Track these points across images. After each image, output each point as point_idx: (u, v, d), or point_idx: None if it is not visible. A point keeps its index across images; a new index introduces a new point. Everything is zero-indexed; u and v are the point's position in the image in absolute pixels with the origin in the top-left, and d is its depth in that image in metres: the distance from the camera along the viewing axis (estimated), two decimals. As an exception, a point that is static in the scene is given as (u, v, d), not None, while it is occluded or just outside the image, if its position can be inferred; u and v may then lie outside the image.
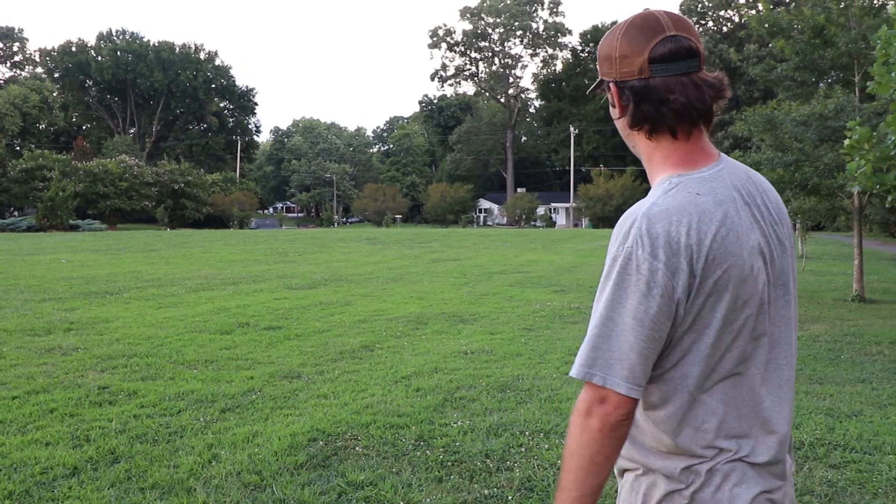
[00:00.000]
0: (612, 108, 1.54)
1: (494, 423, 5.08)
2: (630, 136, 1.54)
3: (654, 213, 1.36)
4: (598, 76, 1.56)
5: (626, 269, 1.34)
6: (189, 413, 5.36)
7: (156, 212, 59.21)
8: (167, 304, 11.28)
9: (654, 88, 1.42)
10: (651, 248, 1.33)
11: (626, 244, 1.35)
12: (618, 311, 1.34)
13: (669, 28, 1.43)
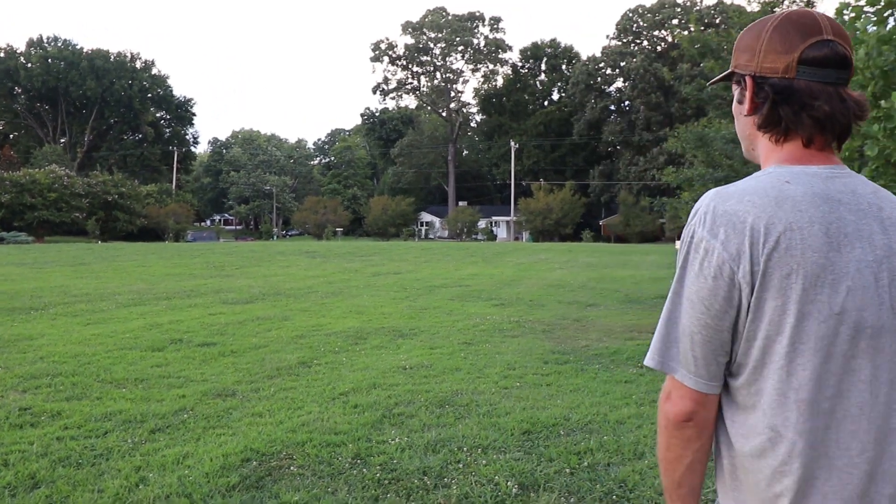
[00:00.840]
0: (736, 104, 1.44)
1: (432, 440, 5.04)
2: (751, 137, 1.42)
3: (726, 192, 1.29)
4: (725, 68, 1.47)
5: (686, 247, 1.29)
6: (116, 434, 5.17)
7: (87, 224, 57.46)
8: (96, 320, 10.92)
9: (797, 91, 1.31)
10: (711, 226, 1.26)
11: (690, 223, 1.31)
12: (677, 292, 1.30)
13: (827, 32, 1.32)
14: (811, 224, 1.24)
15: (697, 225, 1.28)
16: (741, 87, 1.40)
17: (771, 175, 1.30)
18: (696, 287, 1.26)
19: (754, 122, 1.38)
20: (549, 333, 9.91)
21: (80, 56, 78.31)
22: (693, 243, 1.28)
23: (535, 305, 13.16)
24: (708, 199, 1.29)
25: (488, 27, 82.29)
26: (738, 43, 1.42)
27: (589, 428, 5.35)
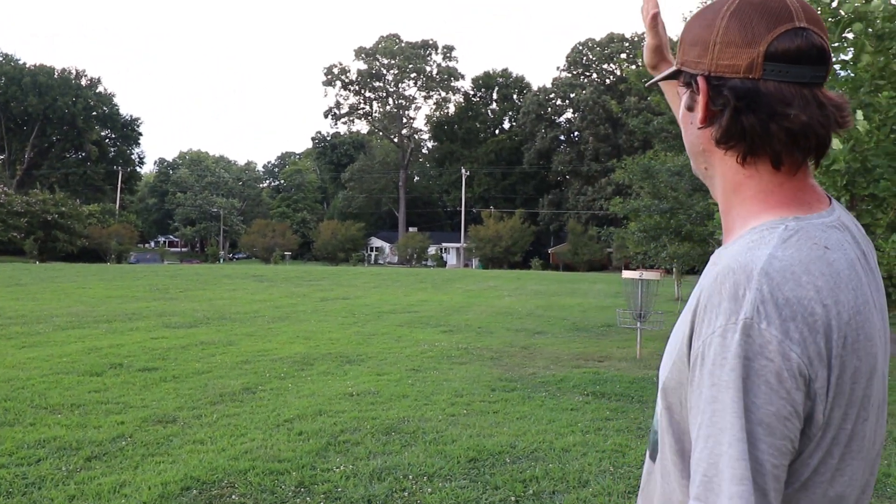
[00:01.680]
0: (684, 111, 1.14)
1: (378, 468, 4.99)
2: (705, 154, 1.13)
3: (777, 270, 0.96)
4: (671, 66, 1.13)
5: (746, 351, 0.93)
6: (50, 462, 4.99)
7: (24, 244, 55.75)
8: (31, 343, 10.57)
9: (765, 95, 1.02)
10: (780, 322, 0.93)
11: (740, 313, 0.94)
12: (739, 415, 0.92)
13: (799, 17, 1.03)
14: (865, 305, 1.01)
15: (757, 318, 0.93)
16: (691, 90, 1.11)
17: (803, 238, 1.02)
18: (774, 407, 0.92)
19: (710, 134, 1.08)
20: (497, 361, 9.93)
21: (22, 71, 76.49)
22: (757, 345, 0.93)
23: (483, 332, 13.20)
24: (755, 281, 0.96)
25: (441, 55, 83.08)
26: (686, 34, 1.12)
27: (535, 456, 5.36)
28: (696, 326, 0.99)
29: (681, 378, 1.04)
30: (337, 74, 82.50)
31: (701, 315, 0.99)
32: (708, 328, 0.96)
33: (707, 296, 0.99)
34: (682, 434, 1.06)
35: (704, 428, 0.95)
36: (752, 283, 0.95)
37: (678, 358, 1.05)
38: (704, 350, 0.96)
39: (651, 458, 1.18)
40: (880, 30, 6.03)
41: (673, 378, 1.06)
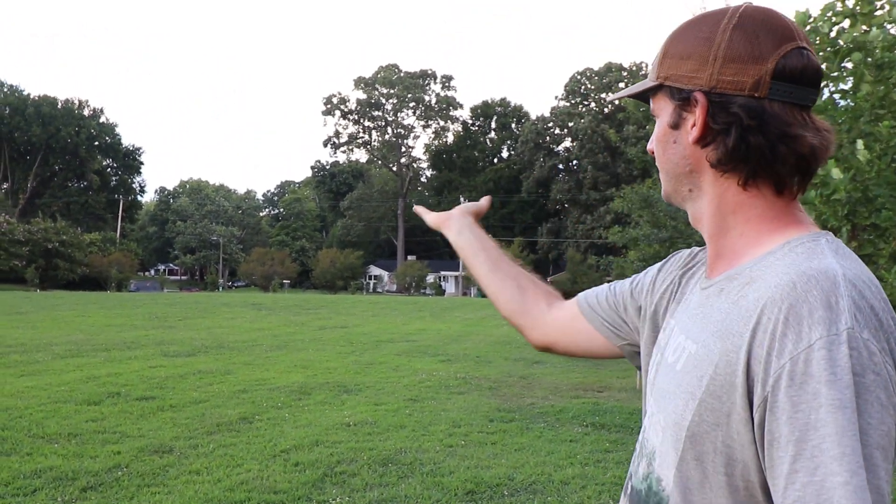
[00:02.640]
0: (666, 129, 1.05)
1: (375, 499, 4.97)
2: (693, 175, 1.05)
3: (855, 278, 0.89)
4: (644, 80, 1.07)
5: (858, 363, 0.82)
6: (46, 492, 4.97)
7: (26, 272, 55.77)
8: (30, 371, 10.55)
9: (772, 116, 0.96)
10: (876, 332, 0.85)
11: (840, 323, 0.83)
12: (854, 436, 0.80)
13: (800, 37, 0.98)
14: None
15: (857, 328, 0.84)
16: (679, 106, 1.02)
17: (844, 249, 0.96)
18: (886, 426, 0.82)
19: (706, 155, 1.01)
20: (495, 391, 9.91)
21: (26, 102, 77.11)
22: (865, 357, 0.83)
23: (481, 362, 13.17)
24: (843, 288, 0.86)
25: (440, 84, 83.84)
26: (673, 47, 1.04)
27: (533, 488, 5.34)
28: (770, 343, 0.86)
29: (717, 418, 0.92)
30: (336, 104, 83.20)
31: (776, 329, 0.86)
32: (797, 344, 0.84)
33: (783, 308, 0.86)
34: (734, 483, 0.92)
35: (805, 459, 0.81)
36: (840, 289, 0.86)
37: (710, 392, 0.92)
38: (798, 367, 0.83)
39: None
40: (879, 59, 6.09)
41: (705, 420, 0.93)
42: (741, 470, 0.91)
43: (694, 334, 1.01)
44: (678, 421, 0.97)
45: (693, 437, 0.94)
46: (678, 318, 1.11)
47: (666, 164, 1.07)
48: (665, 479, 1.00)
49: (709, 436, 0.93)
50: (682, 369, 0.99)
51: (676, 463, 0.97)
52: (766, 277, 0.93)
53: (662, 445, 1.01)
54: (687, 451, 0.95)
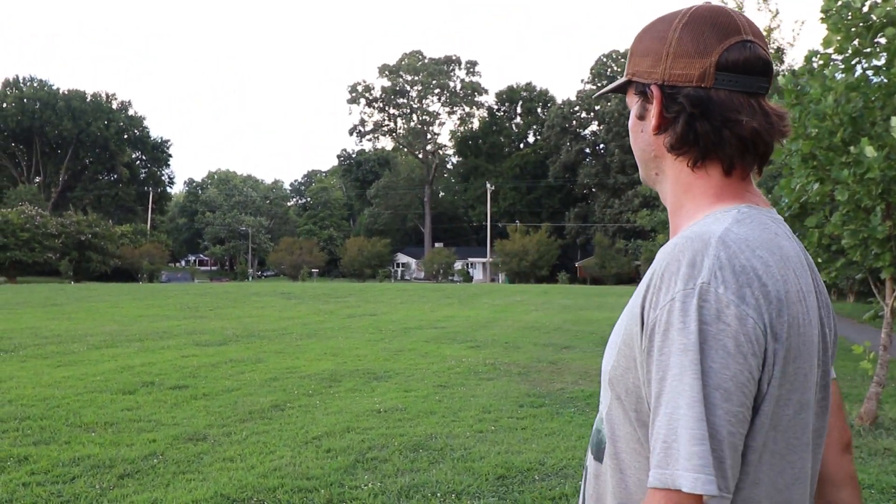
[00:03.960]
0: (635, 120, 1.19)
1: (406, 485, 5.01)
2: (657, 160, 1.18)
3: (733, 241, 1.01)
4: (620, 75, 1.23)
5: (701, 314, 0.95)
6: (84, 480, 5.07)
7: (60, 264, 56.74)
8: (67, 362, 10.75)
9: (717, 103, 1.08)
10: (737, 287, 0.96)
11: (696, 279, 0.97)
12: (697, 378, 0.94)
13: (746, 31, 1.10)
14: (809, 295, 1.07)
15: (714, 283, 0.96)
16: (643, 99, 1.16)
17: (756, 221, 1.08)
18: (731, 371, 0.94)
19: (663, 141, 1.14)
20: (525, 376, 9.91)
21: (56, 96, 78.17)
22: (711, 308, 0.95)
23: (510, 348, 13.17)
24: (713, 248, 0.99)
25: (464, 70, 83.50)
26: (637, 45, 1.18)
27: (564, 473, 5.34)
28: (651, 297, 1.02)
29: (628, 363, 1.07)
30: (361, 92, 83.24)
31: (657, 285, 1.01)
32: (666, 295, 0.99)
33: (664, 266, 1.02)
34: (642, 418, 1.06)
35: (665, 395, 0.96)
36: (709, 249, 0.99)
37: (624, 341, 1.08)
38: (662, 317, 0.98)
39: (597, 458, 1.16)
40: (914, 34, 5.96)
41: (620, 365, 1.08)
42: (646, 406, 1.04)
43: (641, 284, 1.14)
44: (607, 369, 1.13)
45: (613, 382, 1.11)
46: None
47: (637, 151, 1.21)
48: (606, 420, 1.14)
49: (623, 378, 1.08)
50: (617, 322, 1.15)
51: (608, 405, 1.13)
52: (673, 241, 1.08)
53: (602, 393, 1.17)
54: (613, 393, 1.11)
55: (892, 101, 6.23)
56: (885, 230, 6.15)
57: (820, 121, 6.20)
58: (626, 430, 1.09)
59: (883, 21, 6.08)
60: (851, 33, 6.28)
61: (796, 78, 6.57)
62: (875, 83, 6.30)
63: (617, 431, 1.10)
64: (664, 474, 0.94)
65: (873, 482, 5.17)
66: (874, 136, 6.08)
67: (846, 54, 6.32)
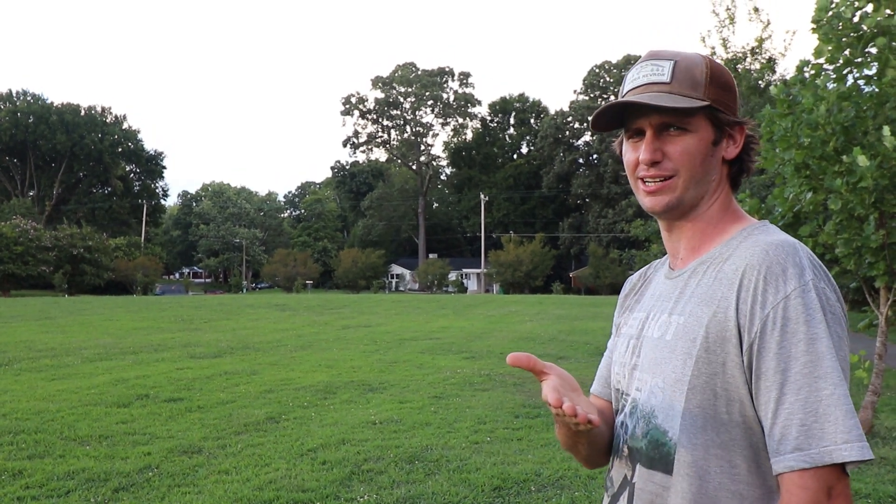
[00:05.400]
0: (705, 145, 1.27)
1: (402, 497, 4.99)
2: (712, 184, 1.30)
3: (802, 245, 1.18)
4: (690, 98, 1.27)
5: (824, 305, 1.10)
6: (78, 494, 5.05)
7: (53, 278, 56.52)
8: (61, 375, 10.70)
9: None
10: (828, 282, 1.15)
11: (804, 276, 1.12)
12: (833, 367, 1.07)
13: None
14: None
15: (817, 279, 1.12)
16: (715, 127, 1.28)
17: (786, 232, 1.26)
18: (844, 353, 1.11)
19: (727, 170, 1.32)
20: (520, 387, 9.90)
21: (49, 110, 78.10)
22: (825, 300, 1.10)
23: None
24: (804, 250, 1.16)
25: (458, 82, 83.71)
26: (719, 76, 1.30)
27: (560, 483, 5.34)
28: (753, 299, 1.13)
29: (713, 368, 1.16)
30: (355, 104, 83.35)
31: (759, 287, 1.13)
32: (776, 295, 1.11)
33: (764, 269, 1.13)
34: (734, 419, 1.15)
35: (793, 383, 1.07)
36: (799, 252, 1.14)
37: (704, 348, 1.16)
38: (777, 314, 1.10)
39: (665, 471, 1.20)
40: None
41: (702, 372, 1.17)
42: (738, 407, 1.14)
43: (678, 309, 1.26)
44: (679, 378, 1.19)
45: (694, 389, 1.17)
46: (647, 305, 1.38)
47: (700, 172, 1.28)
48: (671, 429, 1.20)
49: (709, 385, 1.16)
50: (673, 337, 1.23)
51: (681, 413, 1.18)
52: (737, 254, 1.21)
53: (664, 403, 1.22)
54: (690, 401, 1.17)
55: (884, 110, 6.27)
56: (879, 239, 6.18)
57: (812, 130, 6.24)
58: (708, 437, 1.16)
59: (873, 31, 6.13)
60: (842, 43, 6.33)
61: (788, 88, 6.61)
62: (866, 92, 6.34)
63: (696, 439, 1.17)
64: (810, 455, 1.05)
65: (870, 491, 5.17)
66: (866, 145, 6.12)
67: (837, 64, 6.37)
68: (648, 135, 1.27)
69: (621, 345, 1.40)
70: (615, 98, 1.31)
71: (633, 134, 1.31)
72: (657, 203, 1.29)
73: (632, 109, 1.29)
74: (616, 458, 1.36)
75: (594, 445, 1.41)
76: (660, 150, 1.27)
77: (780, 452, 1.07)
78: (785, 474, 1.07)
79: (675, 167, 1.26)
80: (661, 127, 1.27)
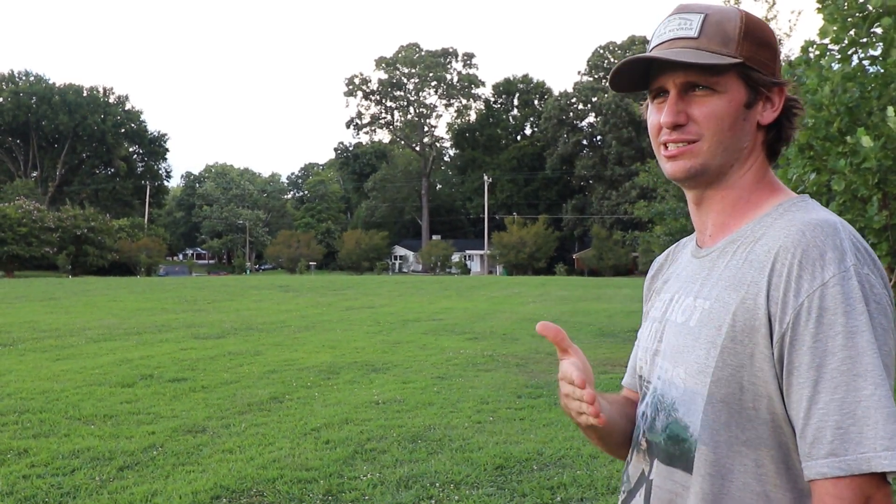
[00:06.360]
0: (736, 107, 1.13)
1: (405, 475, 5.03)
2: (744, 151, 1.16)
3: (845, 225, 1.04)
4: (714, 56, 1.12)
5: (866, 294, 0.97)
6: (84, 472, 5.09)
7: (57, 258, 56.64)
8: (65, 355, 10.76)
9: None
10: (874, 266, 1.01)
11: (845, 261, 0.98)
12: (877, 364, 0.94)
13: None
14: None
15: (860, 265, 0.98)
16: (751, 87, 1.14)
17: (828, 209, 1.13)
18: (889, 347, 0.97)
19: (763, 136, 1.18)
20: (523, 367, 9.93)
21: (52, 91, 77.90)
22: (867, 289, 0.97)
23: (508, 339, 13.19)
24: (845, 232, 1.02)
25: (461, 63, 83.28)
26: (755, 31, 1.15)
27: (562, 462, 5.37)
28: (785, 286, 1.00)
29: (739, 360, 1.04)
30: (358, 85, 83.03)
31: (794, 273, 0.99)
32: (812, 282, 0.98)
33: (799, 253, 1.00)
34: (762, 415, 1.03)
35: (828, 381, 0.95)
36: (840, 233, 1.00)
37: (731, 338, 1.04)
38: (813, 303, 0.97)
39: (685, 469, 1.10)
40: (909, 24, 5.97)
41: (727, 364, 1.05)
42: (767, 403, 1.03)
43: (704, 293, 1.13)
44: (702, 369, 1.08)
45: (718, 382, 1.05)
46: (673, 287, 1.25)
47: (730, 139, 1.14)
48: (692, 424, 1.10)
49: (734, 377, 1.04)
50: (697, 324, 1.11)
51: (703, 407, 1.07)
52: (770, 233, 1.07)
53: (685, 395, 1.11)
54: (713, 395, 1.06)
55: (889, 90, 6.23)
56: (882, 220, 6.16)
57: (816, 111, 6.20)
58: (732, 433, 1.05)
59: (879, 11, 6.08)
60: (847, 23, 6.28)
61: (793, 68, 6.57)
62: (871, 73, 6.30)
63: (718, 436, 1.06)
64: (846, 461, 0.93)
65: None
66: (871, 125, 6.09)
67: (842, 44, 6.32)
68: (672, 95, 1.15)
69: (646, 328, 1.30)
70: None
71: (656, 94, 1.19)
72: (678, 169, 1.16)
73: (655, 67, 1.17)
74: (635, 451, 1.26)
75: (608, 440, 1.32)
76: (684, 113, 1.14)
77: (812, 457, 0.96)
78: (817, 481, 0.96)
79: (700, 131, 1.13)
80: (687, 87, 1.14)
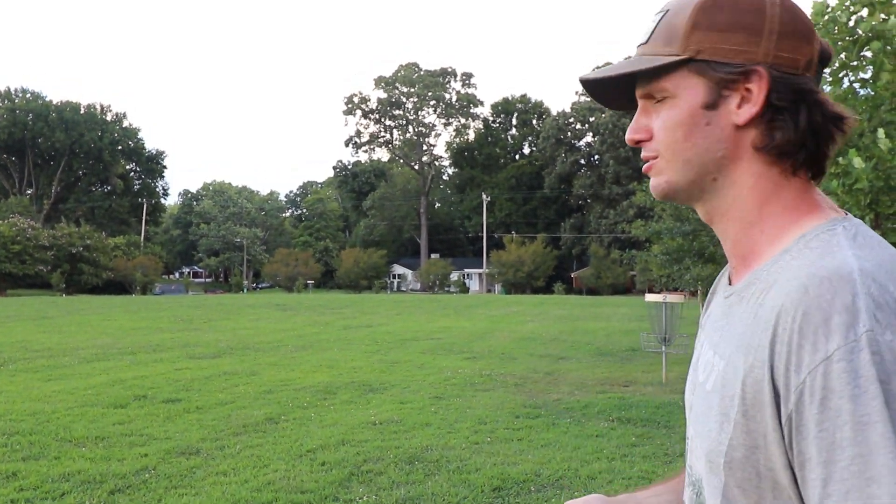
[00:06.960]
0: (694, 110, 0.91)
1: (401, 497, 4.94)
2: (723, 161, 0.92)
3: (874, 269, 0.79)
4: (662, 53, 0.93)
5: (886, 370, 0.73)
6: (74, 496, 5.00)
7: (51, 277, 56.47)
8: (57, 375, 10.65)
9: (823, 99, 0.89)
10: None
11: (855, 327, 0.75)
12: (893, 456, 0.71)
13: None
14: None
15: (877, 329, 0.74)
16: (720, 82, 0.90)
17: (869, 234, 0.86)
18: None
19: (753, 139, 0.90)
20: (521, 387, 9.85)
21: (48, 108, 78.10)
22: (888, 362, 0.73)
23: (506, 358, 13.11)
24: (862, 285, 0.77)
25: (460, 82, 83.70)
26: (705, 17, 0.90)
27: (560, 484, 5.29)
28: (787, 357, 0.78)
29: (754, 440, 0.83)
30: (357, 103, 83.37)
31: (794, 340, 0.78)
32: (813, 354, 0.76)
33: (799, 315, 0.78)
34: None
35: (837, 482, 0.74)
36: (856, 287, 0.76)
37: (743, 412, 0.83)
38: (815, 382, 0.75)
39: None
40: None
41: (741, 443, 0.84)
42: (787, 496, 0.81)
43: (721, 349, 0.91)
44: (715, 447, 0.88)
45: (731, 464, 0.85)
46: (707, 332, 1.01)
47: (689, 150, 0.92)
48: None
49: (748, 461, 0.84)
50: (711, 389, 0.90)
51: (721, 492, 0.88)
52: (781, 281, 0.84)
53: (707, 474, 0.91)
54: (729, 480, 0.86)
55: (879, 112, 6.25)
56: (878, 240, 6.15)
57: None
58: None
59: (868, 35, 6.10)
60: (838, 47, 6.31)
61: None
62: (862, 96, 6.34)
63: None
64: None
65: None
66: (862, 147, 6.11)
67: (833, 67, 6.35)
68: (639, 109, 0.99)
69: (689, 371, 1.06)
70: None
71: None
72: (651, 188, 1.00)
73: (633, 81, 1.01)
74: None
75: None
76: (644, 128, 0.97)
77: None
78: None
79: (656, 146, 0.96)
80: (647, 98, 0.97)
